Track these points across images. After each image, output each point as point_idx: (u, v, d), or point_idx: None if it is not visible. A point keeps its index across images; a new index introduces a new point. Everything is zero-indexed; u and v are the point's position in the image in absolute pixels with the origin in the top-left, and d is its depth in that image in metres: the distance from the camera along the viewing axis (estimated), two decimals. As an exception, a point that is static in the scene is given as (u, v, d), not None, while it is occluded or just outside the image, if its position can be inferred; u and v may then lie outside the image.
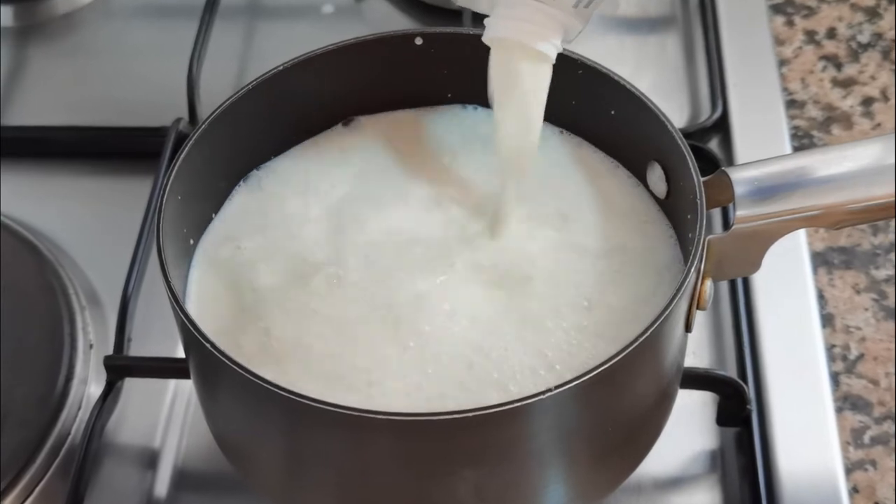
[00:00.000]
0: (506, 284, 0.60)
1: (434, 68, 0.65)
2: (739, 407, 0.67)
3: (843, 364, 0.72)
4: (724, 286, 0.74)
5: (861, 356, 0.72)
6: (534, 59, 0.59)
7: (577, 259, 0.61)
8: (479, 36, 0.60)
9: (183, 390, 0.71)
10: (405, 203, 0.63)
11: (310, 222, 0.63)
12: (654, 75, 0.87)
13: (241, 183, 0.65)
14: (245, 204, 0.64)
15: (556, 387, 0.51)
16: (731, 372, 0.70)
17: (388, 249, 0.61)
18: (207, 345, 0.53)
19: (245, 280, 0.61)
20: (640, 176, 0.64)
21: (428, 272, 0.60)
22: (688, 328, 0.59)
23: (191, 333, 0.54)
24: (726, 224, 0.75)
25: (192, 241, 0.62)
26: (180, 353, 0.64)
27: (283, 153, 0.66)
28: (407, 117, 0.68)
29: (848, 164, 0.58)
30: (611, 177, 0.65)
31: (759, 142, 0.81)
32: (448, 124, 0.67)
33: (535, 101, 0.60)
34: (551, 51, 0.59)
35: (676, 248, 0.61)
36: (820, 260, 0.77)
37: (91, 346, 0.73)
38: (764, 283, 0.73)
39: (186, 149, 0.60)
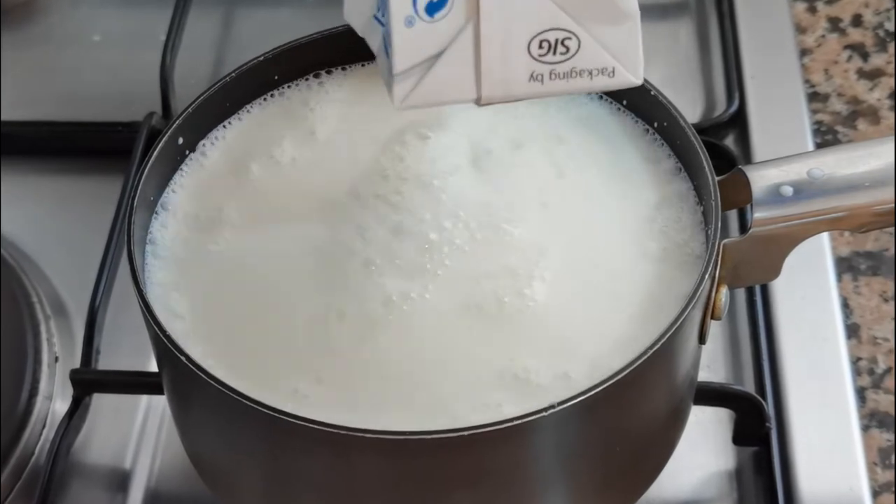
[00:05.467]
0: None
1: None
2: (758, 424, 0.67)
3: (869, 378, 0.72)
4: (741, 294, 0.74)
5: (889, 370, 0.72)
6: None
7: None
8: None
9: (156, 407, 0.71)
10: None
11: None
12: (666, 66, 0.87)
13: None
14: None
15: (559, 403, 0.51)
16: (749, 387, 0.70)
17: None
18: (183, 358, 0.53)
19: None
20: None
21: None
22: (702, 340, 0.59)
23: (164, 346, 0.54)
24: (743, 227, 0.75)
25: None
26: (153, 367, 0.64)
27: None
28: None
29: (875, 161, 0.59)
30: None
31: (779, 138, 0.81)
32: None
33: None
34: None
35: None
36: (845, 266, 0.77)
37: (56, 360, 0.73)
38: (784, 290, 0.73)
39: (160, 146, 0.60)
